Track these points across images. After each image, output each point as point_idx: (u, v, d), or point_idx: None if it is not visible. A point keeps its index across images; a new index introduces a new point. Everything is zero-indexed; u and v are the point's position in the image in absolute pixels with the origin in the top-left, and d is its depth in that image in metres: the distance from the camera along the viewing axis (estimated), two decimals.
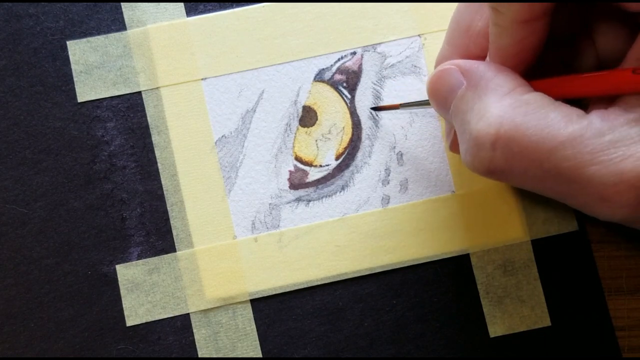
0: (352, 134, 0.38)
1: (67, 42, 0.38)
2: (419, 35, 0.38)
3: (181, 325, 0.36)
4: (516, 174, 0.28)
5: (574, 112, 0.27)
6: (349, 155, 0.38)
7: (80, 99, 0.38)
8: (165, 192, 0.37)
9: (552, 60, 0.32)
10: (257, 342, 0.36)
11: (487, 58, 0.31)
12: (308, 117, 0.38)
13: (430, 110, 0.37)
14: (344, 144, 0.38)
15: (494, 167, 0.28)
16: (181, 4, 0.38)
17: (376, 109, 0.37)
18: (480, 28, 0.31)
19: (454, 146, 0.34)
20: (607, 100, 0.28)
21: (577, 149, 0.26)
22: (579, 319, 0.36)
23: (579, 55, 0.32)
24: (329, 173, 0.37)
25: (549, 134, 0.26)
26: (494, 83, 0.28)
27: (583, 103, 0.29)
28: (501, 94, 0.28)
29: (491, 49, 0.30)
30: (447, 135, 0.35)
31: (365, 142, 0.38)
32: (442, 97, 0.31)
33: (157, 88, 0.38)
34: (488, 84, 0.28)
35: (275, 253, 0.37)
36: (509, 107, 0.27)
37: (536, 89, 0.29)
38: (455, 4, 0.32)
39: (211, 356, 0.36)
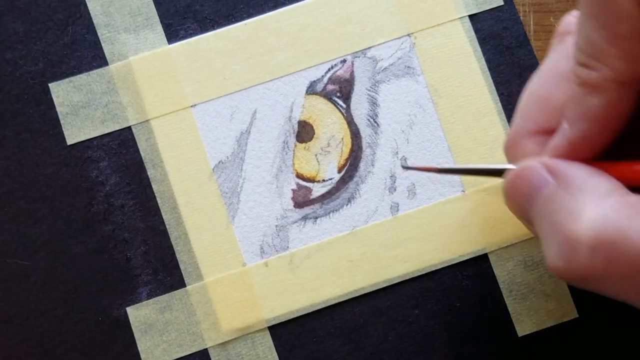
0: (352, 144, 0.37)
1: (50, 85, 0.37)
2: (408, 34, 0.37)
3: None
4: (615, 282, 0.25)
5: None
6: (351, 166, 0.36)
7: (69, 142, 0.37)
8: (167, 227, 0.36)
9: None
10: None
11: (563, 125, 0.27)
12: (304, 132, 0.37)
13: (431, 112, 0.36)
14: (345, 156, 0.37)
15: (592, 273, 0.25)
16: (161, 32, 0.37)
17: (408, 168, 0.35)
18: (561, 101, 0.28)
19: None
20: None
21: None
22: (606, 307, 0.35)
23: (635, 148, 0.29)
24: (333, 187, 0.36)
25: None
26: (590, 183, 0.26)
27: None
28: (600, 194, 0.25)
29: (571, 113, 0.27)
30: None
31: (366, 151, 0.36)
32: (523, 197, 0.27)
33: (146, 121, 0.37)
34: (584, 184, 0.26)
35: (288, 275, 0.36)
36: (610, 210, 0.24)
37: (618, 175, 0.26)
38: None
39: None
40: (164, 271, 0.36)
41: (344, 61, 0.37)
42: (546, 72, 0.30)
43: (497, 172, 0.30)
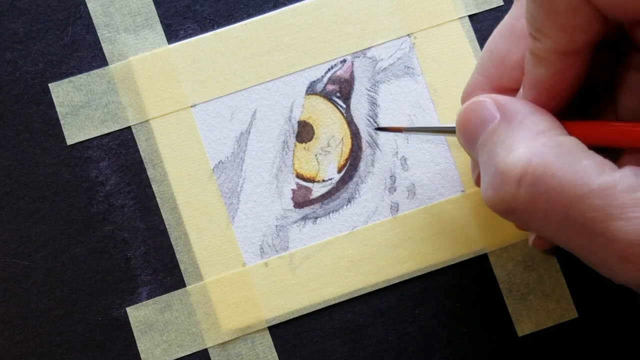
0: (352, 144, 0.37)
1: (49, 85, 0.37)
2: (408, 34, 0.37)
3: None
4: (538, 216, 0.26)
5: (607, 163, 0.26)
6: (351, 166, 0.36)
7: (69, 142, 0.36)
8: (167, 227, 0.36)
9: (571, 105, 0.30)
10: None
11: (521, 89, 0.29)
12: (304, 132, 0.37)
13: (430, 112, 0.36)
14: (345, 156, 0.37)
15: (516, 204, 0.26)
16: (161, 32, 0.37)
17: (380, 129, 0.36)
18: (517, 60, 0.30)
19: (479, 181, 0.33)
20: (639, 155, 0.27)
21: (607, 200, 0.25)
22: (606, 307, 0.35)
23: (598, 111, 0.30)
24: (333, 187, 0.36)
25: (580, 180, 0.25)
26: (529, 120, 0.27)
27: (611, 156, 0.27)
28: (535, 132, 0.27)
29: (526, 79, 0.28)
30: (473, 170, 0.34)
31: (366, 151, 0.36)
32: (472, 130, 0.29)
33: (146, 121, 0.37)
34: (523, 120, 0.27)
35: (288, 276, 0.36)
36: (541, 146, 0.26)
37: (570, 130, 0.27)
38: None
39: None
40: (164, 271, 0.36)
41: (344, 61, 0.37)
42: (504, 30, 0.31)
43: (454, 131, 0.31)
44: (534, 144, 0.26)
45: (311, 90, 0.37)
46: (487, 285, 0.36)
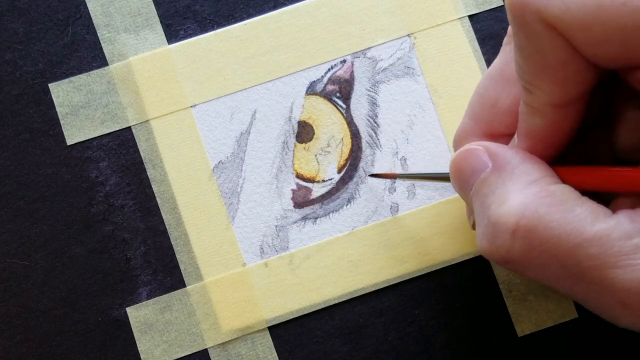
0: (352, 144, 0.37)
1: (49, 85, 0.37)
2: (408, 35, 0.37)
3: None
4: (534, 267, 0.26)
5: (601, 210, 0.25)
6: (351, 166, 0.36)
7: (69, 142, 0.36)
8: (167, 227, 0.36)
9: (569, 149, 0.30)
10: None
11: (515, 137, 0.29)
12: (304, 132, 0.37)
13: (430, 112, 0.36)
14: (345, 156, 0.37)
15: (511, 257, 0.26)
16: (161, 32, 0.37)
17: (374, 176, 0.36)
18: (507, 106, 0.30)
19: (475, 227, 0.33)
20: (634, 198, 0.26)
21: (603, 249, 0.24)
22: None
23: (593, 145, 0.30)
24: (333, 187, 0.36)
25: (574, 230, 0.25)
26: (520, 170, 0.27)
27: (604, 197, 0.27)
28: (526, 182, 0.26)
29: (520, 128, 0.28)
30: (469, 215, 0.33)
31: (366, 151, 0.36)
32: (464, 178, 0.29)
33: (146, 121, 0.37)
34: (514, 170, 0.27)
35: (288, 276, 0.36)
36: (533, 196, 0.26)
37: (562, 175, 0.27)
38: None
39: None
40: (164, 271, 0.36)
41: (344, 61, 0.37)
42: (494, 75, 0.30)
43: (448, 178, 0.31)
44: (526, 194, 0.26)
45: (311, 90, 0.37)
46: (487, 285, 0.36)
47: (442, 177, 0.33)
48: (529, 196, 0.26)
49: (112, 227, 0.36)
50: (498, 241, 0.26)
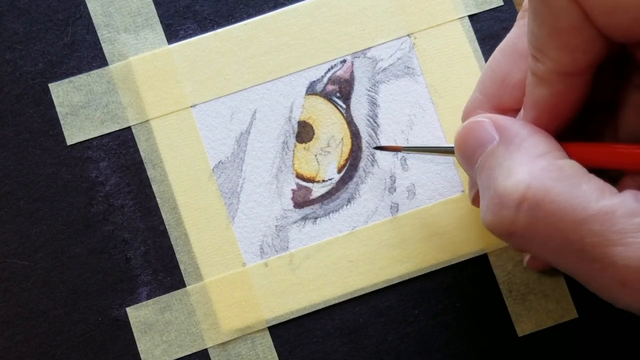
0: (352, 144, 0.37)
1: (49, 85, 0.37)
2: (408, 35, 0.37)
3: None
4: (537, 241, 0.26)
5: (607, 187, 0.25)
6: (351, 166, 0.36)
7: (69, 142, 0.36)
8: (167, 227, 0.36)
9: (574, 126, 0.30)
10: None
11: (522, 110, 0.29)
12: (304, 132, 0.37)
13: (430, 112, 0.36)
14: (345, 156, 0.37)
15: (515, 229, 0.26)
16: (161, 32, 0.37)
17: (378, 148, 0.36)
18: (518, 79, 0.30)
19: (476, 201, 0.32)
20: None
21: (606, 226, 0.24)
22: (606, 307, 0.35)
23: (598, 131, 0.30)
24: (333, 187, 0.36)
25: (579, 205, 0.25)
26: (528, 142, 0.27)
27: (611, 175, 0.27)
28: (534, 155, 0.26)
29: (527, 100, 0.28)
30: (470, 188, 0.33)
31: (366, 151, 0.36)
32: (470, 151, 0.29)
33: (146, 121, 0.37)
34: (522, 143, 0.27)
35: (288, 276, 0.36)
36: (540, 170, 0.26)
37: (570, 151, 0.27)
38: None
39: None
40: (164, 271, 0.36)
41: (344, 61, 0.37)
42: (506, 48, 0.31)
43: (453, 151, 0.31)
44: (533, 167, 0.26)
45: (311, 90, 0.37)
46: (487, 285, 0.36)
47: (446, 150, 0.33)
48: (537, 169, 0.26)
49: (112, 227, 0.36)
50: (503, 212, 0.26)
